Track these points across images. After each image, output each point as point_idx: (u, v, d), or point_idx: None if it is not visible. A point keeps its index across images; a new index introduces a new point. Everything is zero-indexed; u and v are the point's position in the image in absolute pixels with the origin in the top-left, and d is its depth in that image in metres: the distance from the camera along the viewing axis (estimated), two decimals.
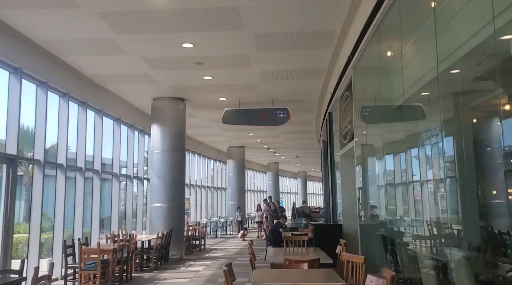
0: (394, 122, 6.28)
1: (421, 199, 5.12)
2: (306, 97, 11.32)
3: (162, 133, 11.22)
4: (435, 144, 4.85)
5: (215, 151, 21.94)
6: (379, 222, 6.81)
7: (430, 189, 4.59)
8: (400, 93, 5.97)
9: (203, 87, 10.19)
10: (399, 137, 6.05)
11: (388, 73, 6.02)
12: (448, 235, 4.03)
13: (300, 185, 38.51)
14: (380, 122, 6.53)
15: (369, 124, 6.92)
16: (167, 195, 11.03)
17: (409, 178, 5.38)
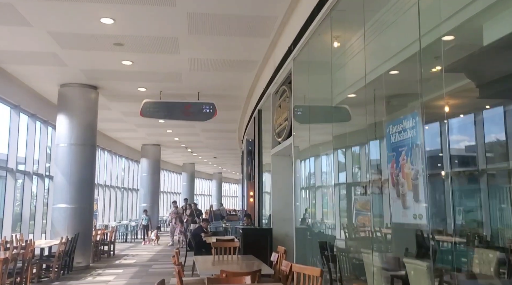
0: (326, 123, 5.81)
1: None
2: (235, 92, 10.61)
3: (69, 125, 9.84)
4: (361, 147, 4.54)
5: (128, 148, 20.43)
6: (312, 225, 6.29)
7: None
8: (338, 92, 5.51)
9: (121, 74, 9.06)
10: (327, 139, 5.58)
11: (333, 69, 5.51)
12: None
13: (215, 187, 37.73)
14: (319, 122, 6.03)
15: (307, 123, 6.39)
16: (74, 195, 9.68)
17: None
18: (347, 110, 5.28)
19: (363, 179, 4.93)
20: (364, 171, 4.91)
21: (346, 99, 5.24)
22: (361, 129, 4.80)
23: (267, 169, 9.94)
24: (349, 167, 5.03)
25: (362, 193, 4.59)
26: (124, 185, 20.88)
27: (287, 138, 7.08)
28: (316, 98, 5.96)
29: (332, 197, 4.86)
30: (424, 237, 3.26)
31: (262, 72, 8.81)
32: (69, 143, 9.78)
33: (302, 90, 6.47)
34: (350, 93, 5.28)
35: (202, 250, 9.29)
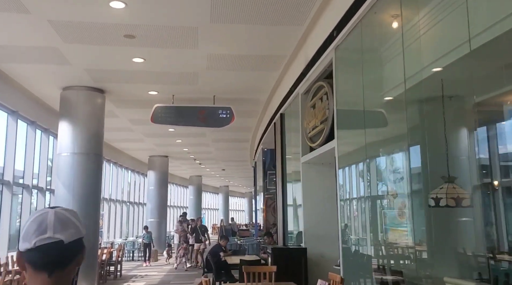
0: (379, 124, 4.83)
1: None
2: (254, 96, 9.64)
3: (73, 132, 8.86)
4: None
5: (134, 160, 19.45)
6: (360, 244, 5.24)
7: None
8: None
9: (131, 74, 8.11)
10: (385, 140, 4.61)
11: (395, 56, 4.53)
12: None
13: (222, 201, 36.62)
14: (372, 122, 5.02)
15: (357, 125, 5.38)
16: (77, 210, 8.57)
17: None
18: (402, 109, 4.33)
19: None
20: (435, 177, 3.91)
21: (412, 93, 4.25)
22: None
23: (291, 180, 8.93)
24: (417, 172, 4.02)
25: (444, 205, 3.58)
26: (130, 199, 19.85)
27: (324, 143, 6.07)
28: (368, 95, 4.96)
29: (403, 210, 3.85)
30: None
31: (288, 69, 7.84)
32: (72, 152, 8.79)
33: (348, 85, 5.49)
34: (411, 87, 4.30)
35: (221, 272, 8.24)
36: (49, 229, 1.18)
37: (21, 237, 1.19)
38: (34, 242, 1.16)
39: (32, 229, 1.18)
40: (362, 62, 4.86)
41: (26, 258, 1.18)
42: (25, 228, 1.19)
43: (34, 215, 1.22)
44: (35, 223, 1.18)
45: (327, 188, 7.20)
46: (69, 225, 1.22)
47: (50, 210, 1.22)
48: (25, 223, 1.20)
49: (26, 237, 1.17)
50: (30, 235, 1.17)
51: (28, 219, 1.21)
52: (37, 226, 1.18)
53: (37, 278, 1.18)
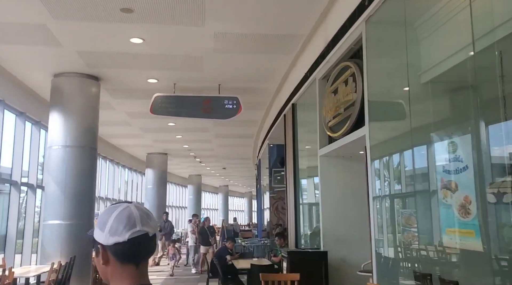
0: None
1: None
2: (263, 84, 8.87)
3: (65, 124, 8.06)
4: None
5: (131, 158, 18.65)
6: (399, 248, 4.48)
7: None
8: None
9: (128, 58, 7.33)
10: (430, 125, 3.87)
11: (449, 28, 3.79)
12: None
13: (222, 201, 35.83)
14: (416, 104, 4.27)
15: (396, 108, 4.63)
16: (69, 209, 7.86)
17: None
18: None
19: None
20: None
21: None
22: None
23: (304, 176, 8.17)
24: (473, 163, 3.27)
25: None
26: (128, 198, 19.05)
27: (349, 132, 5.31)
28: (414, 72, 4.21)
29: (467, 207, 3.10)
30: None
31: (304, 51, 7.06)
32: (63, 145, 8.00)
33: (384, 63, 4.74)
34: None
35: (228, 277, 7.48)
36: (137, 223, 1.25)
37: (106, 231, 1.24)
38: (127, 235, 1.23)
39: (122, 224, 1.24)
40: (406, 34, 4.10)
41: (114, 252, 1.24)
42: (112, 223, 1.24)
43: (114, 210, 1.28)
44: (123, 217, 1.25)
45: (348, 184, 6.46)
46: (150, 218, 1.31)
47: (130, 204, 1.31)
48: (107, 218, 1.26)
49: (116, 231, 1.23)
50: (121, 230, 1.23)
51: (107, 214, 1.27)
52: (127, 220, 1.25)
53: (123, 270, 1.25)
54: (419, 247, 3.88)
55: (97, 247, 1.26)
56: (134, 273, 1.24)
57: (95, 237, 1.27)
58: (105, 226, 1.24)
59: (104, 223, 1.24)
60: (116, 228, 1.23)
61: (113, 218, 1.24)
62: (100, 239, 1.25)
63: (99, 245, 1.26)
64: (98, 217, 1.29)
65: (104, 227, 1.24)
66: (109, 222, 1.24)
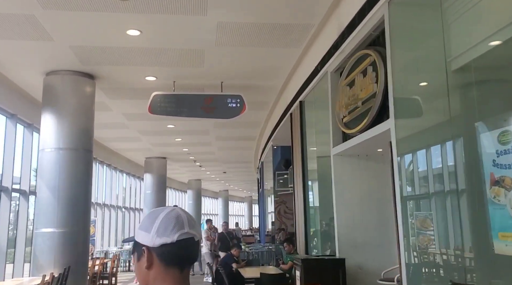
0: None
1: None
2: (268, 81, 8.39)
3: (58, 124, 7.55)
4: None
5: (129, 162, 18.12)
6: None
7: None
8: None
9: (125, 53, 6.84)
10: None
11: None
12: None
13: (222, 206, 35.27)
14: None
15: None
16: (63, 216, 7.34)
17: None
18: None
19: None
20: None
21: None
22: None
23: (314, 177, 7.67)
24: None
25: None
26: (126, 204, 18.50)
27: (369, 127, 4.81)
28: (453, 54, 3.73)
29: None
30: None
31: (314, 43, 6.58)
32: (57, 147, 7.48)
33: (411, 49, 4.26)
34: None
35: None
36: (185, 225, 1.21)
37: (153, 232, 1.19)
38: (176, 236, 1.18)
39: (172, 224, 1.19)
40: (441, 13, 3.61)
41: (160, 254, 1.19)
42: (159, 224, 1.19)
43: (161, 211, 1.24)
44: (172, 218, 1.20)
45: (364, 185, 5.97)
46: (196, 222, 1.27)
47: (176, 207, 1.27)
48: (153, 219, 1.22)
49: (165, 232, 1.18)
50: (169, 230, 1.18)
51: (153, 215, 1.23)
52: (176, 221, 1.20)
53: (168, 273, 1.19)
54: (461, 254, 3.38)
55: (141, 250, 1.20)
56: (178, 277, 1.19)
57: (138, 239, 1.21)
58: (152, 226, 1.19)
59: (151, 224, 1.19)
60: (164, 228, 1.19)
61: (160, 219, 1.20)
62: (145, 241, 1.19)
63: (143, 248, 1.20)
64: (142, 220, 1.24)
65: (151, 228, 1.19)
66: (157, 223, 1.20)
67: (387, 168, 6.06)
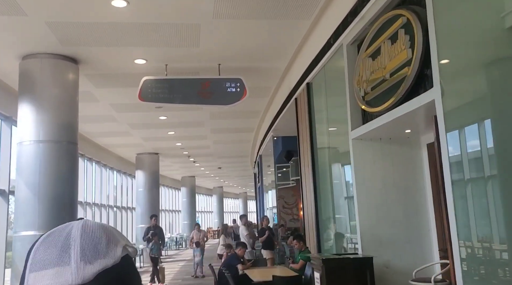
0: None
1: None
2: (270, 62, 7.61)
3: (37, 114, 6.71)
4: None
5: (120, 159, 17.26)
6: None
7: None
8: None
9: (110, 31, 6.01)
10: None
11: None
12: None
13: (216, 203, 34.48)
14: None
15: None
16: (45, 217, 6.52)
17: None
18: None
19: None
20: None
21: None
22: None
23: (325, 166, 6.92)
24: None
25: None
26: (117, 203, 17.65)
27: (403, 102, 4.06)
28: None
29: None
30: None
31: (326, 11, 5.80)
32: (36, 140, 6.65)
33: (457, 2, 3.50)
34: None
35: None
36: (120, 237, 0.85)
37: (79, 260, 0.76)
38: (118, 252, 0.81)
39: (104, 239, 0.81)
40: None
41: None
42: (82, 246, 0.78)
43: (77, 227, 0.81)
44: (101, 231, 0.81)
45: (388, 173, 5.23)
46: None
47: (92, 221, 0.84)
48: (67, 244, 0.77)
49: (99, 252, 0.78)
50: (105, 248, 0.79)
51: (63, 236, 0.79)
52: (107, 234, 0.82)
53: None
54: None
55: None
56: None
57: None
58: (68, 253, 0.76)
59: (63, 251, 0.76)
60: (93, 248, 0.78)
61: (78, 239, 0.78)
62: (66, 280, 0.74)
63: None
64: (34, 256, 0.76)
65: (66, 257, 0.76)
66: (74, 246, 0.78)
67: (414, 153, 5.35)
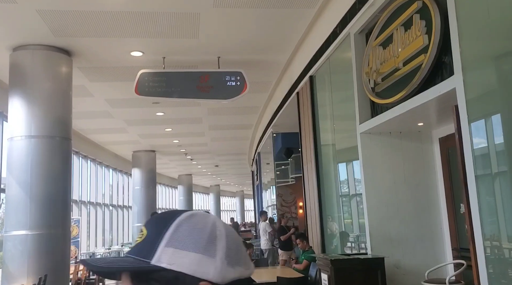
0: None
1: None
2: (272, 55, 7.34)
3: (28, 108, 6.42)
4: None
5: (116, 157, 16.95)
6: None
7: None
8: None
9: (105, 19, 5.72)
10: None
11: None
12: None
13: (213, 201, 34.21)
14: None
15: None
16: (37, 216, 6.23)
17: None
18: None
19: None
20: None
21: None
22: None
23: (328, 162, 6.67)
24: None
25: None
26: (113, 202, 17.35)
27: (417, 92, 3.81)
28: None
29: None
30: None
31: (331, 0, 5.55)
32: (27, 135, 6.36)
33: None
34: None
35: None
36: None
37: (220, 257, 0.67)
38: (252, 265, 0.73)
39: (240, 248, 0.73)
40: None
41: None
42: (227, 244, 0.69)
43: (218, 221, 0.72)
44: (238, 237, 0.74)
45: (398, 168, 5.00)
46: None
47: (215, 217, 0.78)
48: (209, 233, 0.69)
49: (238, 259, 0.69)
50: (243, 257, 0.71)
51: (208, 228, 0.69)
52: (240, 243, 0.74)
53: None
54: None
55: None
56: None
57: (179, 267, 0.65)
58: (214, 247, 0.67)
59: (209, 243, 0.67)
60: (236, 252, 0.68)
61: (224, 235, 0.69)
62: (204, 272, 0.65)
63: (203, 283, 0.66)
64: (177, 231, 0.67)
65: (213, 250, 0.67)
66: (221, 242, 0.68)
67: (425, 147, 5.11)
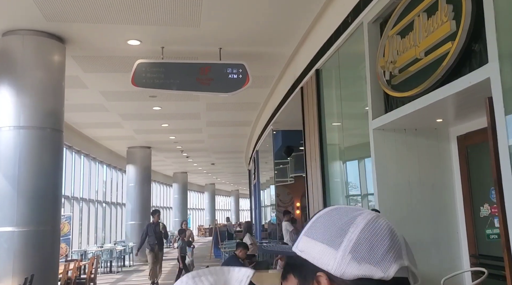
0: None
1: None
2: (275, 47, 7.00)
3: (17, 97, 6.04)
4: None
5: (110, 153, 16.56)
6: None
7: None
8: None
9: (101, 5, 5.35)
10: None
11: None
12: None
13: (208, 200, 33.84)
14: None
15: None
16: (25, 211, 5.86)
17: None
18: None
19: None
20: None
21: None
22: None
23: (334, 160, 6.34)
24: None
25: None
26: (106, 199, 16.95)
27: (441, 84, 3.48)
28: None
29: None
30: None
31: None
32: (16, 126, 5.98)
33: None
34: None
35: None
36: (403, 252, 0.66)
37: (343, 249, 0.64)
38: (392, 270, 0.63)
39: (383, 245, 0.65)
40: None
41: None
42: (359, 237, 0.65)
43: (360, 215, 0.67)
44: (383, 232, 0.66)
45: (413, 167, 4.65)
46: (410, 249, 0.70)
47: (379, 214, 0.69)
48: (343, 225, 0.66)
49: (370, 256, 0.63)
50: (380, 255, 0.64)
51: (346, 218, 0.66)
52: (390, 241, 0.66)
53: None
54: None
55: (311, 276, 0.64)
56: None
57: (307, 254, 0.65)
58: (341, 238, 0.65)
59: (339, 233, 0.64)
60: (369, 248, 0.63)
61: (360, 228, 0.65)
62: (324, 262, 0.64)
63: (320, 274, 0.65)
64: (314, 221, 0.67)
65: (338, 241, 0.64)
66: (351, 234, 0.65)
67: (442, 146, 4.77)
